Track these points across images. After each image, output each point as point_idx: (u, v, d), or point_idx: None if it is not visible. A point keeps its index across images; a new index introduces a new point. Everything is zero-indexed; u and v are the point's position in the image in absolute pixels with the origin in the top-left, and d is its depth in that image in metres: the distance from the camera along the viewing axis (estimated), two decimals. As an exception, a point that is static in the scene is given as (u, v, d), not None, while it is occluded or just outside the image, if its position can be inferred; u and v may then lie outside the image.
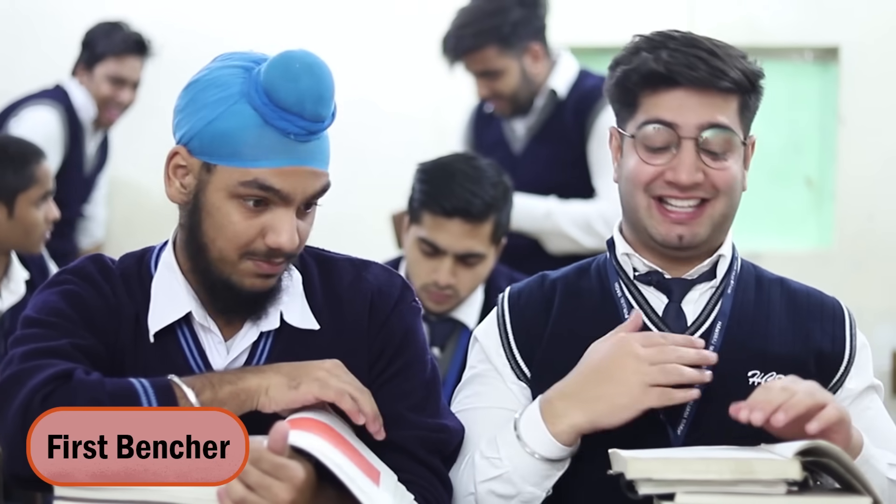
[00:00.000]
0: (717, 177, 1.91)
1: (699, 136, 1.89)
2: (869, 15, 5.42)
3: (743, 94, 1.92)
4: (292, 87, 1.77)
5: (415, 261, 2.98)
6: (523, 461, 1.85)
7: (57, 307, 1.85)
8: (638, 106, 1.93)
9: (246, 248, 1.82)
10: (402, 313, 1.95)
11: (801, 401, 1.73)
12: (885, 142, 5.45)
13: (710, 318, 1.97)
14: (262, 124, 1.79)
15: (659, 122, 1.90)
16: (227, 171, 1.80)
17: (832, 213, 5.48)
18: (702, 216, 1.93)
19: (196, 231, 1.85)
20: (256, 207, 1.81)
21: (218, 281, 1.85)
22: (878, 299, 5.30)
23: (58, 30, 5.10)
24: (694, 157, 1.89)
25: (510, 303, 2.04)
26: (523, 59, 3.77)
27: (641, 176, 1.92)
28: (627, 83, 1.93)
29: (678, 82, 1.89)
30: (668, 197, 1.92)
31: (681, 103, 1.89)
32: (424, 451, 1.89)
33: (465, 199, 2.89)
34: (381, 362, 1.92)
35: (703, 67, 1.88)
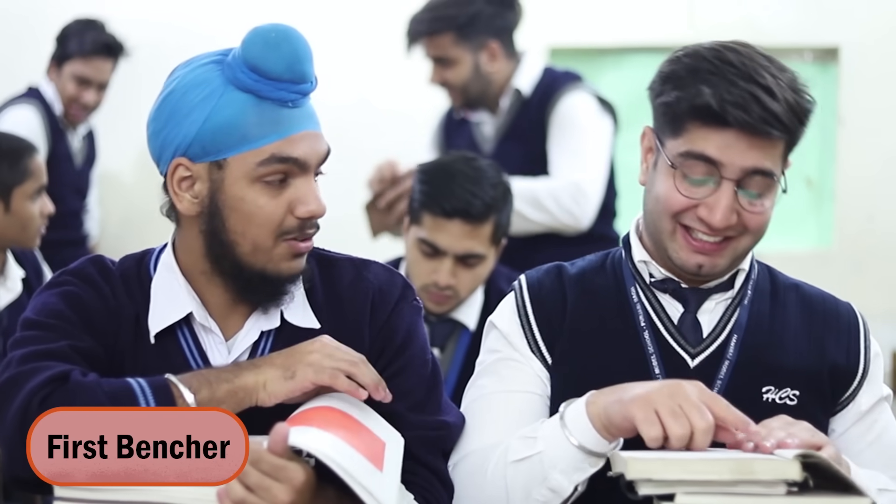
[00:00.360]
0: (749, 219, 1.87)
1: (741, 180, 1.85)
2: (869, 15, 5.43)
3: (792, 134, 1.87)
4: (277, 55, 1.79)
5: (415, 261, 2.98)
6: (557, 444, 1.78)
7: (56, 309, 1.85)
8: (683, 131, 1.86)
9: (280, 229, 1.83)
10: (403, 312, 1.95)
11: (803, 442, 1.70)
12: (885, 142, 5.45)
13: (725, 330, 1.95)
14: (258, 102, 1.80)
15: (704, 157, 1.84)
16: (241, 158, 1.81)
17: (832, 214, 5.48)
18: (726, 250, 1.89)
19: (220, 232, 1.84)
20: (275, 186, 1.82)
21: (253, 275, 1.85)
22: (878, 299, 5.30)
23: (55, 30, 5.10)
24: (731, 200, 1.85)
25: (531, 292, 1.99)
26: (479, 54, 3.79)
27: (674, 205, 1.88)
28: (677, 108, 1.86)
29: (730, 123, 1.82)
30: (695, 230, 1.88)
31: (729, 143, 1.83)
32: (424, 450, 1.89)
33: (465, 199, 2.89)
34: (382, 361, 1.91)
35: (758, 111, 1.81)
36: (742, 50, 1.88)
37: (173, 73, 1.88)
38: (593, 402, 1.78)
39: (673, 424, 1.68)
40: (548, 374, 1.96)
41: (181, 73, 1.85)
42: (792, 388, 1.92)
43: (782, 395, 1.92)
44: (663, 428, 1.68)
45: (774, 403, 1.91)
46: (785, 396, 1.92)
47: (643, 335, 1.95)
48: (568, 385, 1.92)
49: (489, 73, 3.80)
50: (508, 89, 3.83)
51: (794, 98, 1.85)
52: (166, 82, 1.87)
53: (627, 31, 5.35)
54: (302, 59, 1.82)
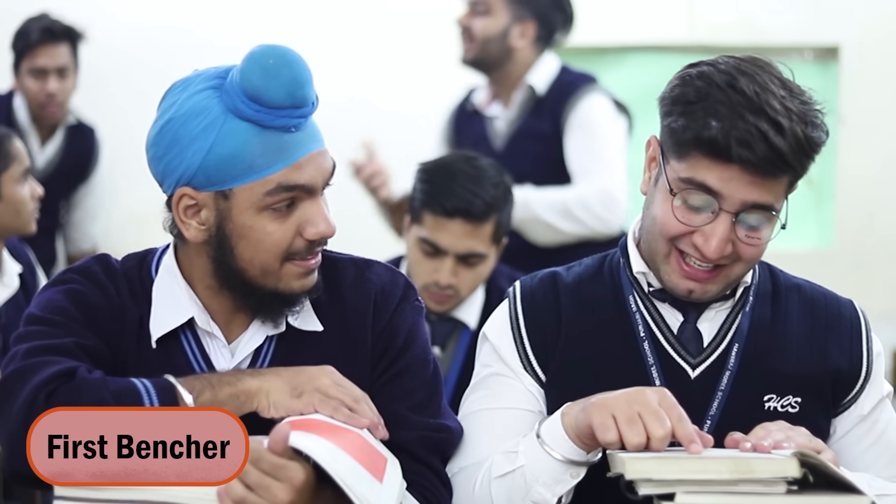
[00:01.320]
0: (744, 250, 1.86)
1: (739, 213, 1.83)
2: (869, 15, 5.43)
3: (796, 174, 1.84)
4: (277, 84, 1.76)
5: (416, 261, 2.98)
6: (537, 457, 1.79)
7: (61, 306, 1.85)
8: (687, 157, 1.83)
9: (288, 252, 1.83)
10: (405, 313, 1.94)
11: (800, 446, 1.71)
12: (885, 142, 5.45)
13: (726, 339, 1.93)
14: (261, 131, 1.78)
15: (705, 187, 1.82)
16: (247, 188, 1.80)
17: (832, 213, 5.48)
18: (717, 277, 1.88)
19: (229, 258, 1.84)
20: (283, 212, 1.81)
21: (266, 294, 1.85)
22: (879, 299, 5.30)
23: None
24: (728, 232, 1.83)
25: (524, 303, 1.98)
26: (515, 24, 3.80)
27: (670, 229, 1.86)
28: (682, 136, 1.83)
29: (734, 159, 1.79)
30: (689, 255, 1.87)
31: (731, 177, 1.80)
32: (425, 450, 1.89)
33: (467, 199, 2.89)
34: (384, 362, 1.91)
35: (763, 150, 1.77)
36: (757, 76, 1.84)
37: (169, 95, 1.85)
38: (567, 412, 1.79)
39: (628, 432, 1.69)
40: (540, 389, 1.96)
41: (179, 99, 1.81)
42: (794, 396, 1.91)
43: (784, 404, 1.91)
44: (620, 434, 1.69)
45: (776, 412, 1.90)
46: (787, 405, 1.91)
47: (643, 345, 1.93)
48: (565, 397, 1.88)
49: (513, 47, 3.80)
50: (522, 84, 3.82)
51: (803, 132, 1.81)
52: (163, 105, 1.84)
53: (627, 30, 5.35)
54: (302, 83, 1.79)
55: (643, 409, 1.70)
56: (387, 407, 1.87)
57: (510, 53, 3.81)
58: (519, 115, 3.83)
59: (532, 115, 3.80)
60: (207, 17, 5.29)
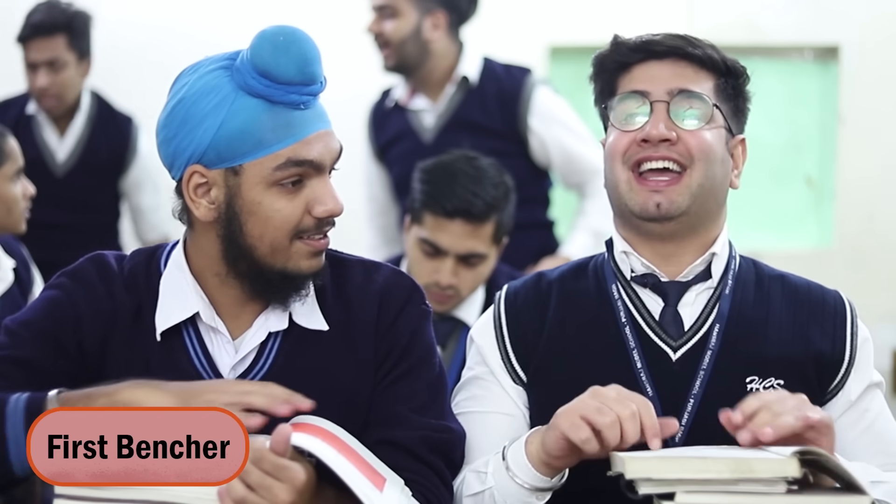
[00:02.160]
0: (689, 140, 1.93)
1: (670, 101, 1.94)
2: (869, 15, 5.43)
3: (718, 75, 1.96)
4: (287, 59, 1.79)
5: (416, 261, 2.98)
6: (504, 482, 1.84)
7: (27, 319, 1.88)
8: (616, 86, 1.98)
9: (297, 229, 1.84)
10: (410, 315, 1.95)
11: (787, 423, 1.72)
12: (885, 141, 5.46)
13: (707, 321, 1.96)
14: (270, 106, 1.80)
15: (632, 92, 1.95)
16: (257, 164, 1.81)
17: (832, 213, 5.48)
18: (679, 184, 1.93)
19: (238, 236, 1.84)
20: (291, 189, 1.83)
21: (274, 275, 1.85)
22: (879, 299, 5.30)
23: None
24: (665, 118, 1.93)
25: (507, 304, 2.03)
26: (424, 18, 3.79)
27: (618, 145, 1.95)
28: (604, 67, 1.99)
29: (650, 53, 1.96)
30: (643, 160, 1.93)
31: (653, 74, 1.95)
32: (426, 450, 1.89)
33: (467, 199, 2.89)
34: (388, 363, 1.91)
35: (678, 39, 1.96)
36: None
37: (180, 78, 1.87)
38: (531, 440, 1.83)
39: (598, 417, 1.72)
40: (521, 391, 1.99)
41: (189, 80, 1.84)
42: (776, 378, 1.92)
43: (766, 385, 1.92)
44: (592, 429, 1.72)
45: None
46: (769, 386, 1.92)
47: (624, 330, 1.96)
48: (551, 390, 1.93)
49: (428, 40, 3.79)
50: (454, 76, 3.82)
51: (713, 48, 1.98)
52: (174, 88, 1.86)
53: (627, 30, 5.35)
54: (311, 60, 1.81)
55: (604, 399, 1.74)
56: (389, 408, 1.88)
57: (428, 48, 3.80)
58: (449, 106, 3.83)
59: (464, 106, 3.81)
60: (208, 16, 5.30)
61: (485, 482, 1.86)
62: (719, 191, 1.97)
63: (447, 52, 3.83)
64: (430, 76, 3.84)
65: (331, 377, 1.88)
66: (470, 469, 1.90)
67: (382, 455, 1.83)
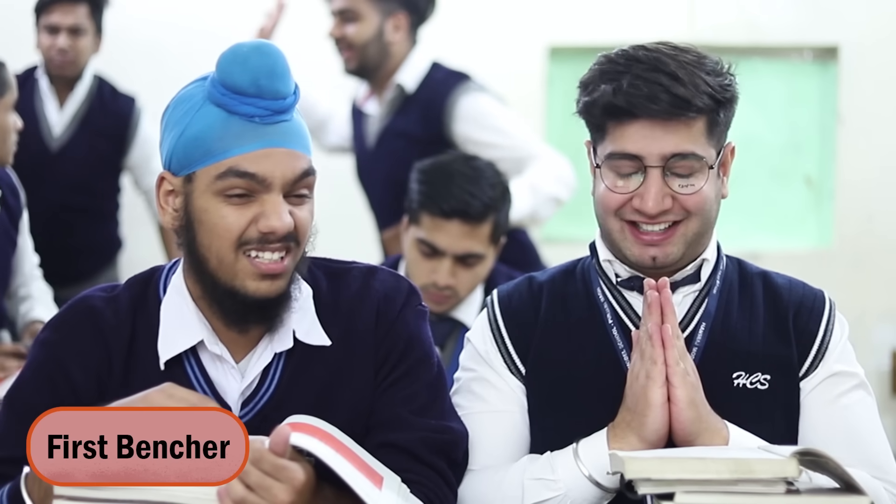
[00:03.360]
0: (686, 201, 1.90)
1: (665, 165, 1.89)
2: (869, 15, 5.43)
3: (710, 114, 1.90)
4: (243, 69, 1.79)
5: (414, 261, 2.98)
6: (579, 484, 1.86)
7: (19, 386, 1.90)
8: (605, 134, 1.92)
9: (239, 240, 1.81)
10: (407, 317, 1.95)
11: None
12: (884, 142, 5.45)
13: (694, 319, 1.97)
14: (227, 116, 1.80)
15: (624, 154, 1.89)
16: (205, 171, 1.81)
17: (832, 213, 5.48)
18: (674, 237, 1.92)
19: (193, 246, 1.84)
20: (242, 200, 1.80)
21: (225, 292, 1.84)
22: (878, 299, 5.30)
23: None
24: (660, 186, 1.89)
25: (501, 305, 2.04)
26: (386, 20, 3.80)
27: (610, 203, 1.92)
28: (591, 114, 1.93)
29: (638, 115, 1.87)
30: (639, 222, 1.92)
31: (644, 135, 1.88)
32: (427, 451, 1.89)
33: (464, 200, 2.90)
34: (387, 366, 1.92)
35: (665, 98, 1.85)
36: (651, 46, 1.91)
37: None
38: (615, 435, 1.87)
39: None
40: (522, 386, 2.00)
41: (179, 91, 1.87)
42: (763, 373, 1.94)
43: (753, 380, 1.94)
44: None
45: (745, 388, 1.94)
46: (756, 381, 1.94)
47: (612, 332, 1.98)
48: (543, 390, 1.97)
49: (390, 42, 3.79)
50: (391, 83, 3.82)
51: (705, 80, 1.88)
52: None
53: (627, 31, 5.35)
54: (270, 74, 1.80)
55: None
56: (390, 410, 1.88)
57: (388, 50, 3.80)
58: (387, 112, 3.83)
59: (400, 114, 3.80)
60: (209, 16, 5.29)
61: (554, 488, 1.87)
62: (713, 221, 1.97)
63: (404, 55, 3.83)
64: (384, 79, 3.83)
65: (335, 392, 1.88)
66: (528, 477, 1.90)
67: (384, 458, 1.83)
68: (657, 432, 1.84)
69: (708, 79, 1.88)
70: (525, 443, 1.98)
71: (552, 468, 1.88)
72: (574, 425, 1.91)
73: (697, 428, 1.84)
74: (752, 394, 1.93)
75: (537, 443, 1.97)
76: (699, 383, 1.87)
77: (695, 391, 1.86)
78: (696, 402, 1.85)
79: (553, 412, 1.97)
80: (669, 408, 1.85)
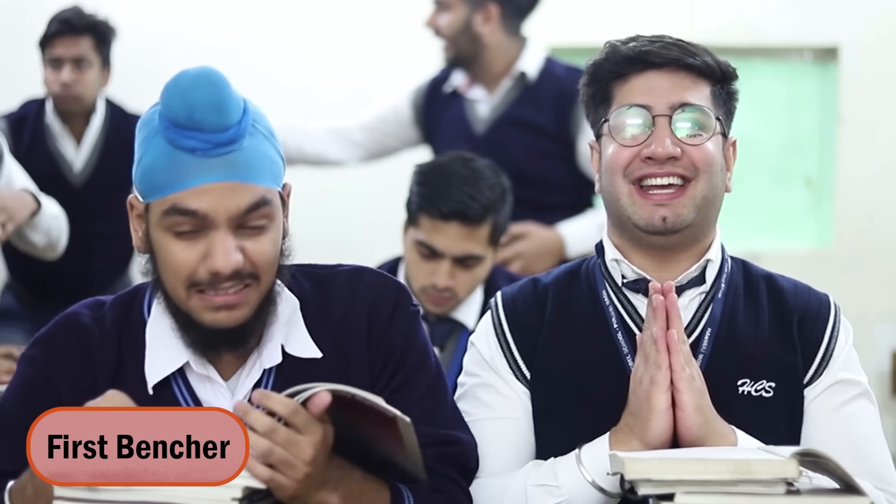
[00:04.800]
0: (694, 154, 1.92)
1: (672, 115, 1.92)
2: (868, 15, 5.43)
3: (714, 82, 1.95)
4: (183, 102, 1.73)
5: (413, 263, 2.98)
6: (582, 489, 1.86)
7: (5, 402, 1.87)
8: (612, 99, 1.96)
9: (189, 280, 1.77)
10: (400, 322, 1.92)
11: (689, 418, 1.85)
12: (884, 142, 5.46)
13: (699, 325, 1.96)
14: (172, 150, 1.75)
15: (633, 106, 1.93)
16: (155, 205, 1.78)
17: (832, 214, 5.48)
18: (683, 196, 1.92)
19: (155, 273, 1.82)
20: (189, 236, 1.76)
21: (188, 322, 1.81)
22: (878, 299, 5.30)
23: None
24: (669, 133, 1.91)
25: (506, 309, 2.03)
26: (475, 12, 3.82)
27: (619, 160, 1.93)
28: (599, 76, 1.97)
29: (648, 64, 1.93)
30: (647, 176, 1.92)
31: (652, 85, 1.93)
32: (441, 465, 1.87)
33: (463, 202, 2.89)
34: (385, 376, 1.89)
35: (674, 48, 1.94)
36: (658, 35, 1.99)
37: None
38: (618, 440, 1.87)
39: None
40: (527, 391, 1.99)
41: (147, 109, 1.83)
42: (768, 381, 1.94)
43: (758, 388, 1.94)
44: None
45: (750, 396, 1.93)
46: (761, 388, 1.94)
47: (617, 336, 1.97)
48: (549, 394, 1.96)
49: (480, 34, 3.82)
50: (512, 70, 3.84)
51: (710, 55, 1.97)
52: None
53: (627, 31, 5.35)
54: (212, 107, 1.73)
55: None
56: None
57: (480, 41, 3.83)
58: (504, 100, 3.84)
59: (519, 103, 3.82)
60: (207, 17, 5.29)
61: (557, 494, 1.87)
62: (719, 199, 1.97)
63: (503, 46, 3.85)
64: (488, 69, 3.86)
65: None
66: (531, 483, 1.90)
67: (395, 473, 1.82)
68: (660, 437, 1.84)
69: (712, 55, 1.97)
70: (531, 449, 1.98)
71: (555, 474, 1.88)
72: (579, 430, 1.91)
73: (705, 433, 1.84)
74: (757, 401, 1.92)
75: (542, 447, 1.97)
76: (705, 388, 1.87)
77: (701, 396, 1.85)
78: (702, 407, 1.85)
79: (557, 417, 1.96)
80: (676, 413, 1.84)
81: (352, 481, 1.76)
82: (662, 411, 1.84)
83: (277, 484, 1.65)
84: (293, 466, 1.65)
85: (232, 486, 1.62)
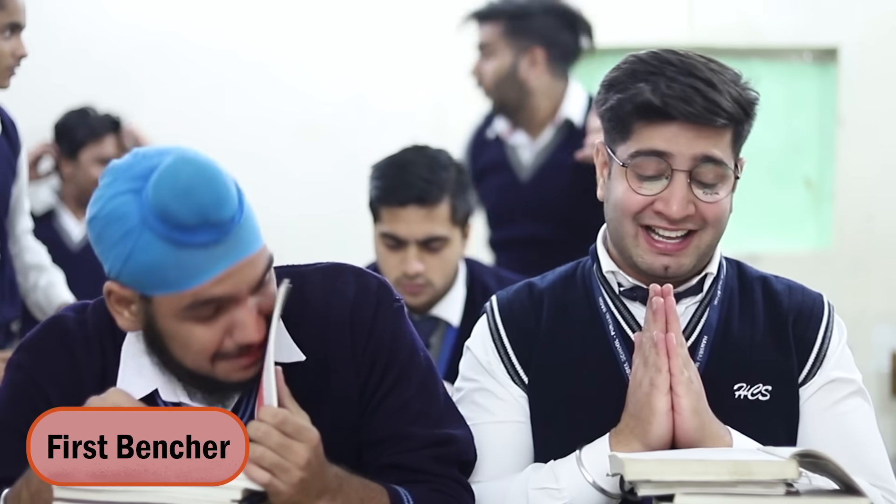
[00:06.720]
0: (707, 210, 1.89)
1: (692, 169, 1.87)
2: (868, 15, 5.43)
3: (737, 125, 1.89)
4: (188, 205, 1.67)
5: (382, 257, 3.00)
6: (583, 491, 1.86)
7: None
8: (631, 134, 1.89)
9: (215, 354, 1.75)
10: (385, 320, 1.89)
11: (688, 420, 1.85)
12: (884, 142, 5.46)
13: (695, 332, 1.96)
14: (177, 248, 1.68)
15: (653, 153, 1.87)
16: (165, 299, 1.72)
17: (831, 214, 5.48)
18: (688, 247, 1.91)
19: (165, 353, 1.78)
20: (211, 318, 1.73)
21: (203, 380, 1.79)
22: (878, 300, 5.30)
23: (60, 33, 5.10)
24: (686, 190, 1.87)
25: (502, 313, 2.02)
26: (521, 57, 3.76)
27: (631, 205, 1.89)
28: (621, 112, 1.89)
29: (673, 116, 1.85)
30: (656, 227, 1.90)
31: (675, 135, 1.86)
32: (439, 466, 1.87)
33: (418, 186, 2.92)
34: (374, 379, 1.87)
35: (700, 101, 1.84)
36: (680, 51, 1.90)
37: (104, 178, 1.75)
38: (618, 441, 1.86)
39: None
40: (526, 397, 1.99)
41: (105, 195, 1.72)
42: (764, 384, 1.94)
43: (755, 392, 1.94)
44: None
45: (747, 400, 1.94)
46: (757, 392, 1.94)
47: (614, 343, 1.97)
48: (545, 398, 1.96)
49: (525, 79, 3.75)
50: (557, 117, 3.78)
51: (736, 91, 1.87)
52: (98, 190, 1.74)
53: (627, 32, 5.35)
54: (217, 202, 1.68)
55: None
56: (388, 426, 1.86)
57: (526, 87, 3.76)
58: (549, 146, 3.79)
59: (563, 147, 3.75)
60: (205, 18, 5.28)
61: (558, 497, 1.87)
62: (722, 233, 1.96)
63: (549, 90, 3.78)
64: (533, 116, 3.79)
65: (313, 407, 1.77)
66: (531, 487, 1.90)
67: (395, 478, 1.83)
68: (661, 439, 1.84)
69: (737, 89, 1.88)
70: (529, 452, 1.97)
71: (556, 477, 1.88)
72: (575, 434, 1.91)
73: (701, 436, 1.84)
74: (754, 405, 1.93)
75: (540, 451, 1.97)
76: (703, 391, 1.87)
77: (698, 399, 1.85)
78: (699, 411, 1.85)
79: (555, 420, 1.96)
80: (673, 416, 1.85)
81: (351, 489, 1.75)
82: (663, 414, 1.84)
83: (273, 489, 1.65)
84: (287, 471, 1.65)
85: (231, 488, 1.62)
